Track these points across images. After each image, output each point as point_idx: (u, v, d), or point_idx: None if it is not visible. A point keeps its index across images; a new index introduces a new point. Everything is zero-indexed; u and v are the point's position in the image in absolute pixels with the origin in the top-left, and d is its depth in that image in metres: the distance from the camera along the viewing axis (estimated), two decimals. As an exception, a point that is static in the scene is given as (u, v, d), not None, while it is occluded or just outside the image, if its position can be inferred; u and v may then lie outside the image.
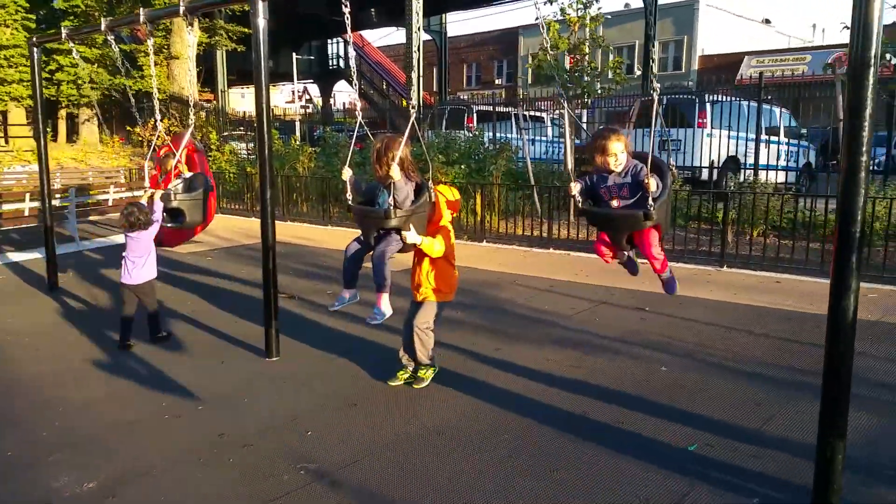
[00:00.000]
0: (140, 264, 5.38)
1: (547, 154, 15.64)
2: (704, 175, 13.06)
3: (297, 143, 16.14)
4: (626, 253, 3.93)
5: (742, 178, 13.59)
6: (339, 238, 8.82)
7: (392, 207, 4.08)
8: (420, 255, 4.44)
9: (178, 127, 20.00)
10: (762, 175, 13.16)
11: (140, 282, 5.39)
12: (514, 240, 9.93)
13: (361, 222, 4.40)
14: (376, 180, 4.46)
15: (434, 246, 4.33)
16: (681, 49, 34.46)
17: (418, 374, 4.59)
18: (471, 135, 12.79)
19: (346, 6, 4.27)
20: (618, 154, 3.66)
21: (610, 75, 12.41)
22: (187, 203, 5.94)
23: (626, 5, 35.91)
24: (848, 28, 2.65)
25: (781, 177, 13.60)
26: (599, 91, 11.50)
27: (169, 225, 5.87)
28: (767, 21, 38.39)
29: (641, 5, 24.51)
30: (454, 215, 4.53)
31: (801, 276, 7.28)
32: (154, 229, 5.45)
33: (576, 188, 3.72)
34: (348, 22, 4.32)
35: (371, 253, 4.30)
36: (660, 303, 6.21)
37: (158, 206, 5.55)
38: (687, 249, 8.55)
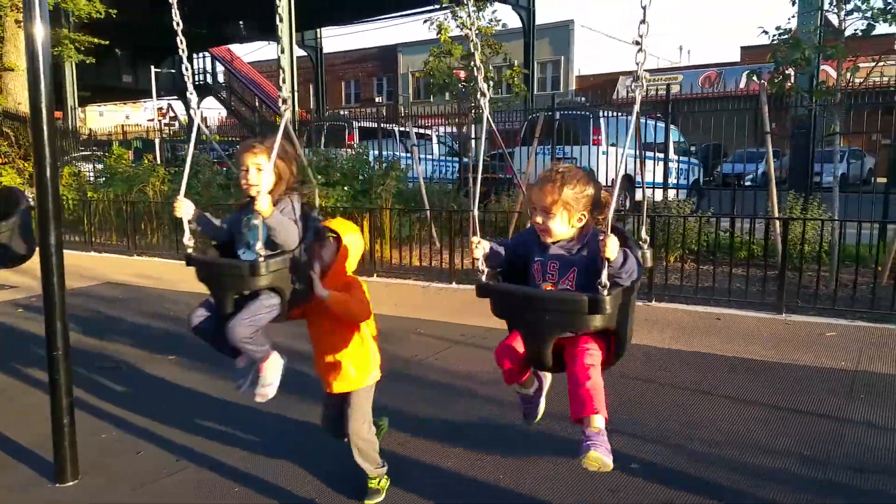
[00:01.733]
0: None
1: (435, 173, 14.56)
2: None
3: (149, 161, 14.13)
4: (537, 382, 2.73)
5: (642, 197, 13.05)
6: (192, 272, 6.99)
7: (261, 257, 2.64)
8: (321, 322, 3.01)
9: (10, 148, 17.36)
10: (656, 193, 12.69)
11: None
12: (409, 272, 8.60)
13: (210, 281, 2.83)
14: (237, 212, 3.02)
15: (350, 305, 2.92)
16: (558, 69, 34.76)
17: (369, 487, 3.22)
18: (353, 153, 11.40)
19: (178, 25, 2.91)
20: (570, 211, 2.35)
21: (504, 89, 11.48)
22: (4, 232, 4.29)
23: (504, 25, 35.88)
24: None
25: (672, 194, 13.07)
26: (498, 105, 10.48)
27: None
28: (637, 42, 39.51)
29: (519, 25, 24.16)
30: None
31: (743, 311, 6.39)
32: None
33: (480, 249, 2.39)
34: (181, 44, 2.92)
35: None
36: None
37: None
38: (607, 280, 7.54)
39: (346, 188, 10.06)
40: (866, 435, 3.74)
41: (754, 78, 7.33)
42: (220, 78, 36.92)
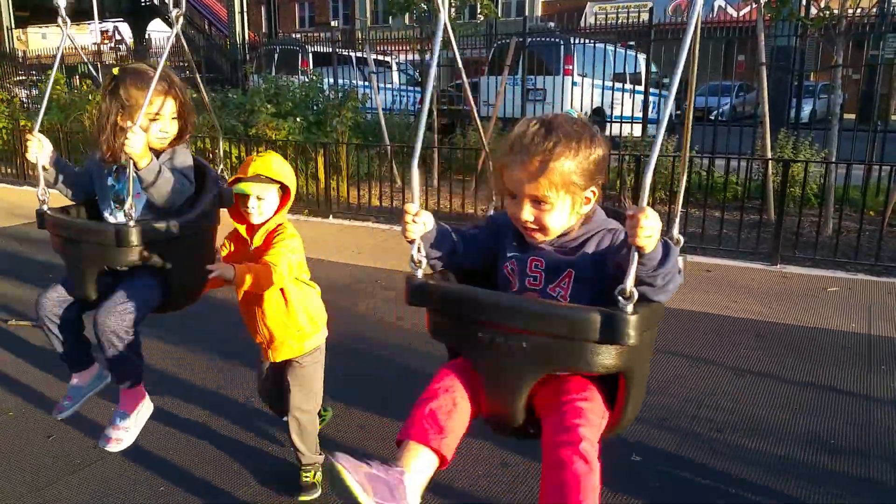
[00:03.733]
0: None
1: (395, 104, 13.67)
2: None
3: (88, 87, 12.91)
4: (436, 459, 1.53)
5: (610, 133, 12.43)
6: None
7: (132, 220, 1.96)
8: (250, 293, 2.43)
9: None
10: (632, 128, 12.07)
11: None
12: (369, 214, 7.86)
13: (68, 251, 2.13)
14: (100, 159, 2.23)
15: (262, 278, 2.31)
16: (524, -7, 33.35)
17: (304, 480, 2.65)
18: (307, 80, 10.43)
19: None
20: (576, 193, 1.53)
21: (466, 14, 10.56)
22: None
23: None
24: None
25: (642, 130, 12.46)
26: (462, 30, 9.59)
27: None
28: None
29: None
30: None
31: (735, 262, 5.87)
32: None
33: (419, 224, 1.53)
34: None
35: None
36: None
37: None
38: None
39: (298, 119, 9.17)
40: (898, 418, 3.26)
41: (753, 2, 6.61)
42: (169, -1, 34.65)
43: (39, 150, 2.10)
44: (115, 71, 2.12)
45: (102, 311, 2.02)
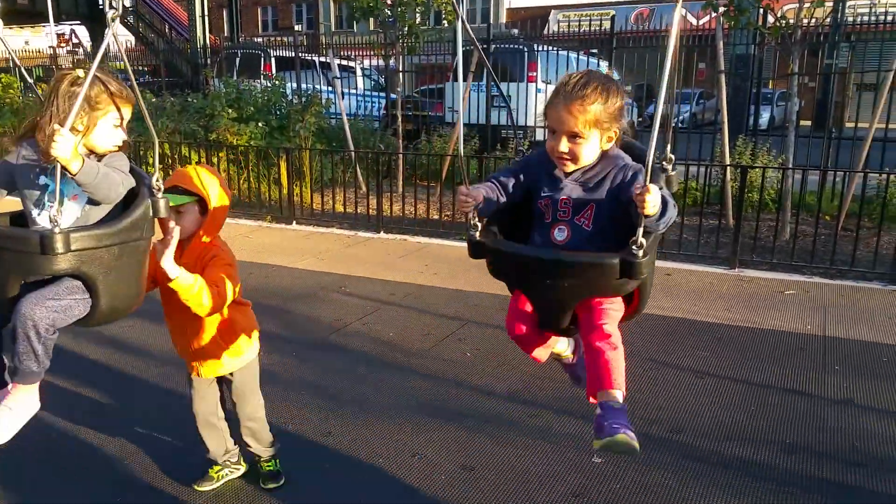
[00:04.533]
0: None
1: (360, 110, 13.60)
2: (539, 136, 11.75)
3: (43, 90, 12.60)
4: (566, 346, 2.27)
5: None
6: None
7: (58, 227, 1.79)
8: (173, 295, 2.26)
9: None
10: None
11: None
12: (333, 220, 7.78)
13: None
14: (31, 148, 2.03)
15: (202, 296, 2.23)
16: (488, 0, 33.54)
17: (266, 470, 2.78)
18: (269, 84, 10.32)
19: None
20: (604, 130, 1.91)
21: (431, 19, 10.56)
22: None
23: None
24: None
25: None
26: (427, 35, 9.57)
27: None
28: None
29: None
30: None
31: (694, 266, 5.94)
32: None
33: (472, 197, 1.95)
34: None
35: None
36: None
37: None
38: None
39: (260, 124, 9.07)
40: (853, 418, 3.32)
41: (712, 11, 6.72)
42: (128, 2, 34.00)
43: None
44: (80, 73, 2.00)
45: (30, 300, 1.87)
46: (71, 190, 1.93)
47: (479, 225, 1.98)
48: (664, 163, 1.85)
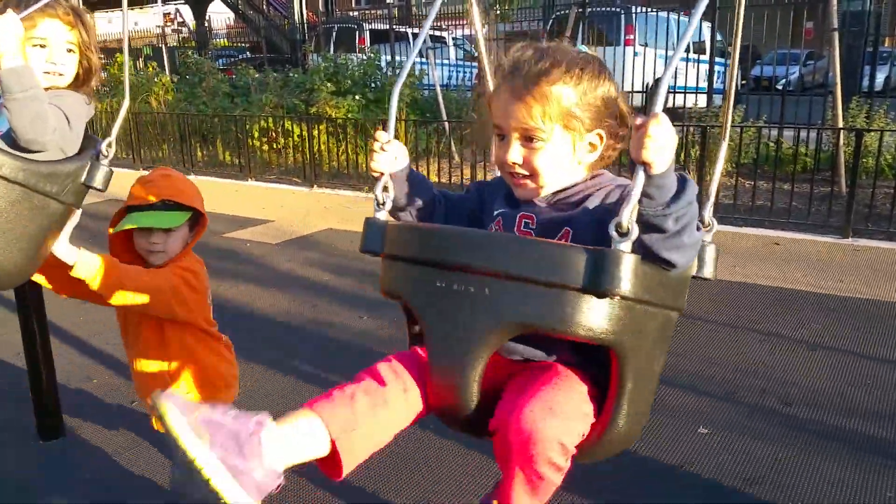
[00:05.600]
0: None
1: (451, 80, 13.64)
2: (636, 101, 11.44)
3: (153, 70, 13.31)
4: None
5: (674, 104, 12.14)
6: (209, 190, 6.21)
7: None
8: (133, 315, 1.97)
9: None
10: (690, 99, 11.76)
11: None
12: (428, 190, 7.90)
13: None
14: None
15: (118, 275, 1.80)
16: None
17: None
18: (365, 58, 10.51)
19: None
20: (574, 130, 1.30)
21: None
22: None
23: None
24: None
25: (707, 100, 12.12)
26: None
27: None
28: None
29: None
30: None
31: (804, 235, 5.70)
32: None
33: (388, 152, 1.39)
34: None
35: None
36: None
37: None
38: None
39: (357, 97, 9.27)
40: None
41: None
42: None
43: None
44: None
45: None
46: None
47: (389, 202, 1.39)
48: (702, 225, 1.34)
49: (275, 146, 9.30)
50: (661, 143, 1.02)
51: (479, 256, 1.17)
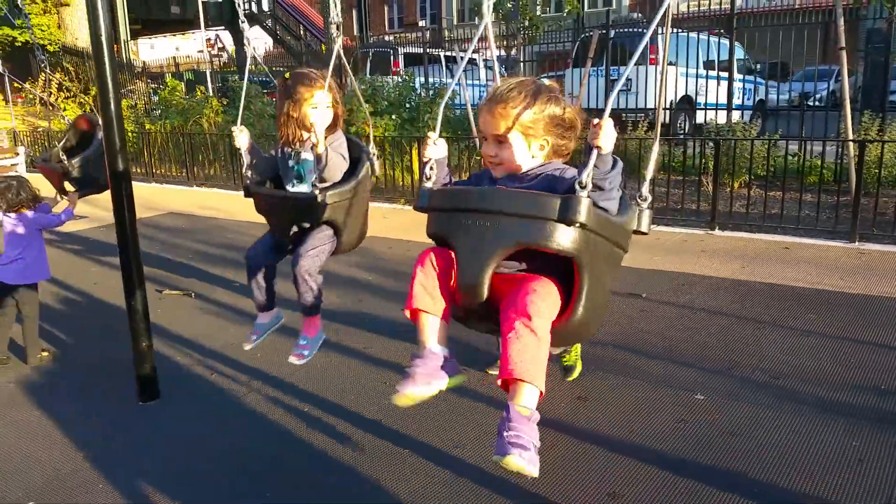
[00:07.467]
0: (24, 259, 3.93)
1: (482, 99, 14.17)
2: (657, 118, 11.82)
3: (203, 94, 14.14)
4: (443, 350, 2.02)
5: (698, 121, 12.55)
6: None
7: (318, 189, 2.75)
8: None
9: (71, 83, 17.60)
10: (717, 115, 12.12)
11: (25, 282, 3.98)
12: (459, 202, 8.42)
13: (272, 213, 3.03)
14: (282, 146, 2.99)
15: None
16: (610, -15, 33.11)
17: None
18: (399, 80, 11.13)
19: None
20: (530, 136, 1.99)
21: (552, 7, 10.94)
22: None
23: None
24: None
25: (735, 116, 12.49)
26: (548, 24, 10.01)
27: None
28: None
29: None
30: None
31: (813, 240, 6.09)
32: (47, 222, 4.11)
33: (439, 148, 2.10)
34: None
35: (292, 258, 2.97)
36: (658, 284, 4.94)
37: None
38: (668, 208, 7.27)
39: (393, 117, 9.87)
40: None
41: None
42: (266, 6, 36.37)
43: (239, 138, 2.90)
44: (287, 75, 2.82)
45: (298, 255, 2.81)
46: (307, 168, 2.88)
47: (434, 176, 2.03)
48: (639, 199, 1.97)
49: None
50: (607, 134, 1.71)
51: (490, 203, 1.83)
